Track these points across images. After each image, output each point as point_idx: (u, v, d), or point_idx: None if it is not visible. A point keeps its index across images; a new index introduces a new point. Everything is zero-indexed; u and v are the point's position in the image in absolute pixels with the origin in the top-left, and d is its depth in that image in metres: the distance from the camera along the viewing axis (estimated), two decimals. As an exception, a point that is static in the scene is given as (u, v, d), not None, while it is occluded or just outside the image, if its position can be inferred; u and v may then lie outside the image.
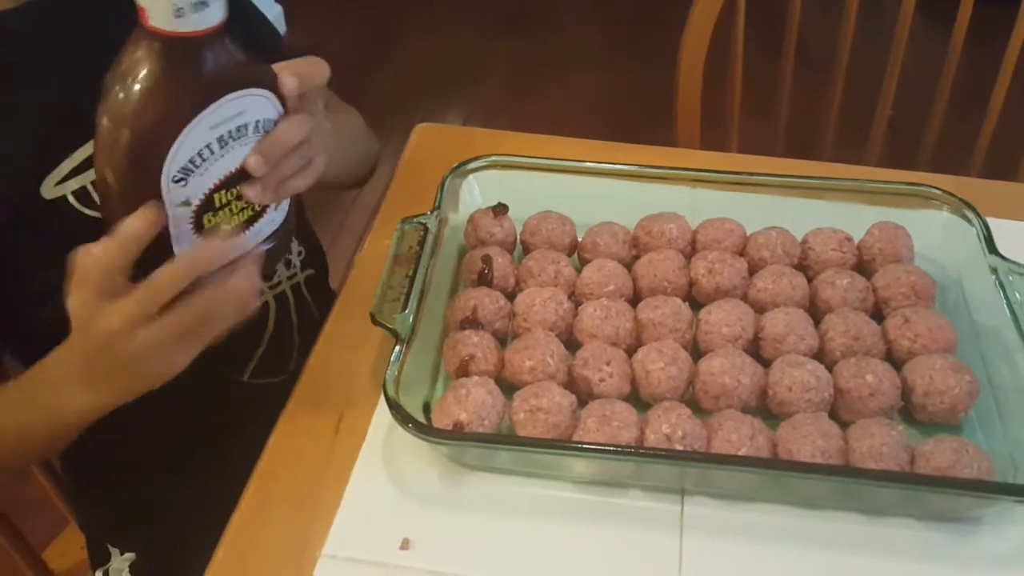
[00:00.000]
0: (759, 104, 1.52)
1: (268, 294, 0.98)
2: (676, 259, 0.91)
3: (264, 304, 0.98)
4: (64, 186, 0.78)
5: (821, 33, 1.62)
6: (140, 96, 0.59)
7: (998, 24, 1.40)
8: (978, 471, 0.73)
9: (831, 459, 0.74)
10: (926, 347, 0.83)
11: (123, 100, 0.59)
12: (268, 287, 0.97)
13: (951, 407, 0.78)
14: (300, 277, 1.03)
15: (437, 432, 0.76)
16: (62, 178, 0.77)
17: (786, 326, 0.84)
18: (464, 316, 0.86)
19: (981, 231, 0.89)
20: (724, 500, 0.77)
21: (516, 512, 0.76)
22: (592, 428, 0.76)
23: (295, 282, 1.02)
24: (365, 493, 0.77)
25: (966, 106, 1.50)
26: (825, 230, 0.94)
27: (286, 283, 1.01)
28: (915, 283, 0.88)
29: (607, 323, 0.85)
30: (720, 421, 0.77)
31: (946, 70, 1.40)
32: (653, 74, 1.44)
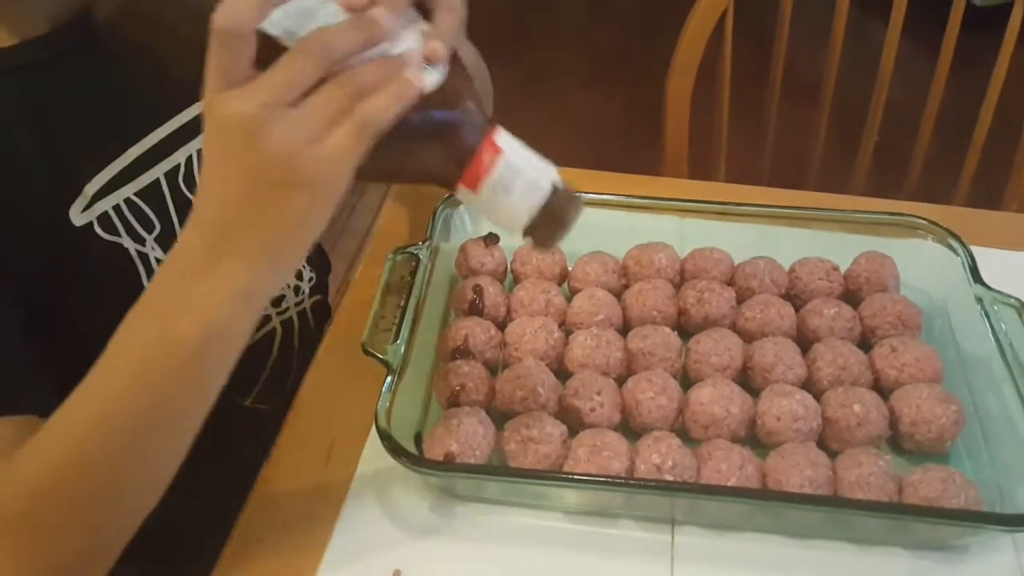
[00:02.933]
0: (747, 130, 1.53)
1: (275, 320, 0.98)
2: (665, 288, 0.92)
3: (271, 330, 0.98)
4: (90, 212, 0.77)
5: (808, 60, 1.64)
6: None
7: (984, 51, 1.42)
8: (965, 500, 0.73)
9: (820, 489, 0.75)
10: (913, 376, 0.83)
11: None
12: (276, 312, 0.97)
13: (938, 436, 0.79)
14: (307, 303, 1.03)
15: (428, 463, 0.76)
16: (86, 205, 0.76)
17: (775, 355, 0.85)
18: (455, 346, 0.86)
19: (966, 260, 0.90)
20: (714, 530, 0.77)
21: (507, 542, 0.76)
22: (583, 458, 0.76)
23: (301, 308, 1.02)
24: (356, 523, 0.78)
25: (952, 132, 1.52)
26: (812, 260, 0.94)
27: (293, 309, 1.01)
28: (901, 312, 0.88)
29: (597, 352, 0.85)
30: (710, 451, 0.77)
31: (932, 97, 1.42)
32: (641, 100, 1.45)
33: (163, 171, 0.81)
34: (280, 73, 0.53)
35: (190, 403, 0.62)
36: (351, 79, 0.54)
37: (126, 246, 0.79)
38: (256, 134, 0.52)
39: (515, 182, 0.58)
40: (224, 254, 0.56)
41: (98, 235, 0.77)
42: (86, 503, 0.63)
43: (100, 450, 0.61)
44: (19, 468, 0.63)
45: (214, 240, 0.55)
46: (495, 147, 0.58)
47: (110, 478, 0.63)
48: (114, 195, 0.78)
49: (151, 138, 0.80)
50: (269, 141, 0.52)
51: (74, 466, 0.61)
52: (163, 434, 0.63)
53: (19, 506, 0.62)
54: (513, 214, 0.60)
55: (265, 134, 0.52)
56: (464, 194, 0.60)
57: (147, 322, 0.59)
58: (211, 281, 0.56)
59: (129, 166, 0.79)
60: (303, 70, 0.53)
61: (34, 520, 0.63)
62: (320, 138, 0.53)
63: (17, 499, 0.62)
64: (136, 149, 0.79)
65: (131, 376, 0.59)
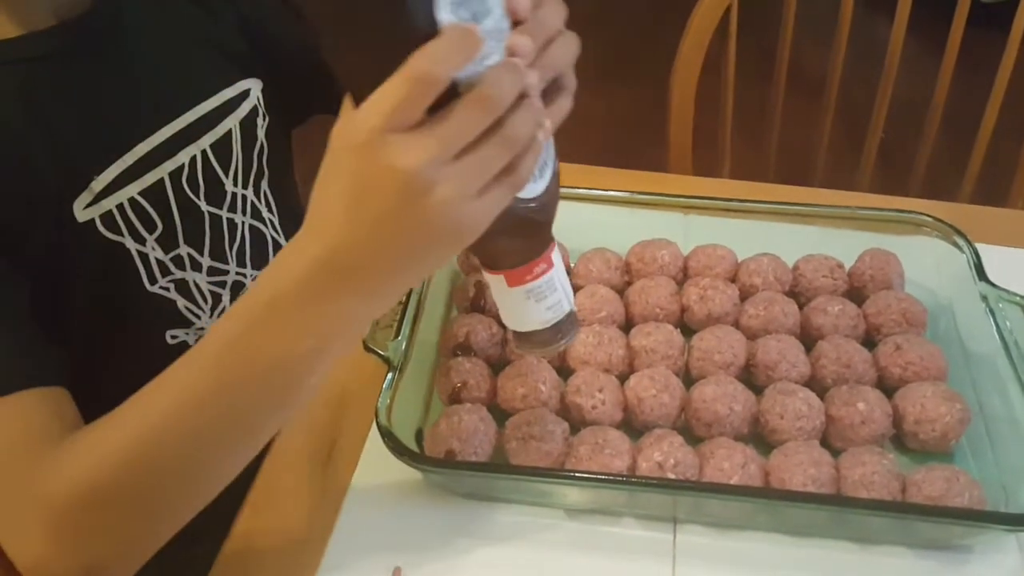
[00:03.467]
0: (751, 128, 1.53)
1: None
2: (668, 286, 0.91)
3: None
4: (94, 208, 0.77)
5: (813, 57, 1.63)
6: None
7: (989, 48, 1.41)
8: (969, 500, 0.73)
9: (823, 487, 0.74)
10: (917, 374, 0.83)
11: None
12: None
13: (942, 435, 0.79)
14: None
15: (429, 461, 0.76)
16: (90, 201, 0.76)
17: (778, 353, 0.84)
18: (457, 343, 0.86)
19: (971, 258, 0.90)
20: (717, 528, 0.76)
21: (509, 540, 0.76)
22: (585, 456, 0.76)
23: None
24: (357, 521, 0.77)
25: (957, 130, 1.51)
26: (816, 257, 0.94)
27: None
28: (906, 310, 0.88)
29: (600, 350, 0.85)
30: (712, 449, 0.77)
31: (937, 94, 1.41)
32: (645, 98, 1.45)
33: (167, 171, 0.81)
34: (454, 126, 0.50)
35: (274, 419, 0.63)
36: (512, 138, 0.52)
37: (127, 246, 0.79)
38: (421, 192, 0.50)
39: (547, 297, 0.62)
40: (351, 291, 0.55)
41: (100, 232, 0.77)
42: (140, 504, 0.63)
43: (168, 454, 0.61)
44: (71, 460, 0.62)
45: (342, 275, 0.54)
46: (549, 262, 0.61)
47: (169, 484, 0.63)
48: (119, 193, 0.78)
49: (157, 136, 0.80)
50: (432, 199, 0.50)
51: (135, 467, 0.61)
52: (235, 448, 0.63)
53: (67, 499, 0.62)
54: (527, 319, 0.63)
55: (430, 192, 0.50)
56: (496, 281, 0.61)
57: (251, 337, 0.57)
58: (333, 311, 0.56)
59: (135, 164, 0.78)
60: (477, 126, 0.50)
61: (80, 516, 0.62)
62: (478, 195, 0.52)
63: (66, 492, 0.61)
64: (144, 146, 0.79)
65: (221, 384, 0.59)
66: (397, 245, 0.53)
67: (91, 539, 0.63)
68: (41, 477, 0.62)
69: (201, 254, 0.85)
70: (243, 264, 0.90)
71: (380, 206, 0.51)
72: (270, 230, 0.93)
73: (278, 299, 0.56)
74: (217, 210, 0.86)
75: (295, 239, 0.56)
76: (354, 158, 0.50)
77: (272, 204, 0.93)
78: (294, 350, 0.57)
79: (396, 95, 0.49)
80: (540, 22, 0.53)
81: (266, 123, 0.90)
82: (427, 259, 0.55)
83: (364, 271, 0.54)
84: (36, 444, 0.65)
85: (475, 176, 0.51)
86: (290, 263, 0.55)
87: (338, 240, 0.53)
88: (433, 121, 0.49)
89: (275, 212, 0.93)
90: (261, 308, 0.57)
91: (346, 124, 0.51)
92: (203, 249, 0.85)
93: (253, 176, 0.89)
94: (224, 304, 0.89)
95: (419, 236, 0.52)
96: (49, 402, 0.67)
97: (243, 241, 0.89)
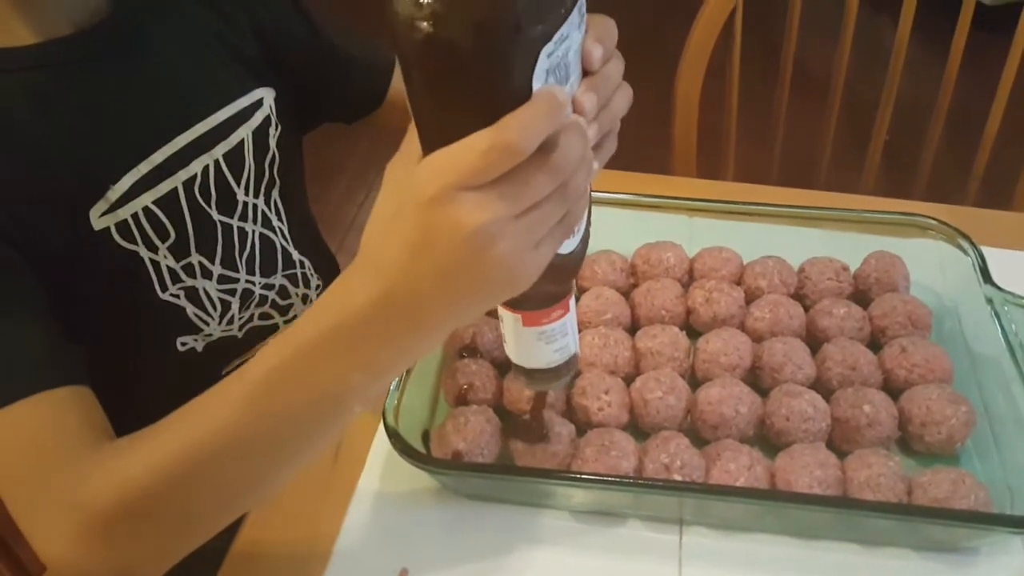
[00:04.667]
0: (756, 129, 1.53)
1: (283, 329, 0.98)
2: (674, 288, 0.91)
3: None
4: (109, 217, 0.77)
5: (817, 59, 1.63)
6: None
7: (993, 50, 1.41)
8: (975, 502, 0.73)
9: (829, 489, 0.74)
10: (923, 377, 0.83)
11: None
12: (283, 321, 0.97)
13: (948, 437, 0.79)
14: None
15: (436, 462, 0.76)
16: (106, 210, 0.77)
17: (784, 355, 0.84)
18: (463, 344, 0.86)
19: (976, 261, 0.90)
20: (722, 530, 0.77)
21: (515, 541, 0.76)
22: (591, 457, 0.76)
23: None
24: (364, 522, 0.78)
25: (962, 132, 1.51)
26: (822, 259, 0.94)
27: None
28: (911, 312, 0.88)
29: (605, 351, 0.85)
30: (718, 451, 0.77)
31: (942, 96, 1.41)
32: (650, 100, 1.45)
33: (181, 180, 0.81)
34: (524, 190, 0.50)
35: (315, 446, 0.63)
36: (572, 195, 0.53)
37: (141, 254, 0.80)
38: (484, 247, 0.51)
39: (557, 340, 0.63)
40: (405, 331, 0.56)
41: (115, 241, 0.78)
42: (177, 517, 0.64)
43: (208, 473, 0.61)
44: (112, 468, 0.63)
45: (399, 316, 0.55)
46: (567, 307, 0.62)
47: (207, 499, 0.63)
48: (134, 202, 0.78)
49: (172, 145, 0.80)
50: (496, 252, 0.51)
51: (175, 482, 0.61)
52: (274, 470, 0.64)
53: (106, 507, 0.62)
54: (533, 357, 0.64)
55: (492, 247, 0.51)
56: (510, 319, 0.62)
57: (301, 366, 0.58)
58: (385, 348, 0.57)
59: (150, 173, 0.79)
60: (546, 189, 0.51)
61: (117, 524, 0.62)
62: (538, 245, 0.53)
63: (105, 500, 0.62)
64: (159, 155, 0.79)
65: (266, 409, 0.60)
66: (455, 292, 0.54)
67: (125, 546, 0.64)
68: (78, 480, 0.63)
69: (212, 262, 0.85)
70: (252, 272, 0.90)
71: (443, 256, 0.51)
72: (279, 238, 0.93)
73: (332, 333, 0.56)
74: (228, 219, 0.86)
75: (349, 275, 0.57)
76: (422, 210, 0.51)
77: (282, 213, 0.93)
78: (343, 383, 0.58)
79: (477, 158, 0.49)
80: (606, 77, 0.54)
81: (278, 132, 0.90)
82: (481, 305, 0.56)
83: (420, 314, 0.55)
84: (69, 444, 0.65)
85: (536, 231, 0.52)
86: (345, 300, 0.56)
87: (398, 284, 0.54)
88: (504, 183, 0.50)
89: (284, 221, 0.93)
90: (313, 339, 0.57)
91: (419, 174, 0.51)
92: (214, 257, 0.85)
93: (264, 185, 0.90)
94: (233, 311, 0.89)
95: (477, 285, 0.53)
96: (79, 401, 0.68)
97: (253, 249, 0.90)
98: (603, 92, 0.54)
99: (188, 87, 0.83)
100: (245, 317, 0.90)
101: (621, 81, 0.56)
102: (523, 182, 0.50)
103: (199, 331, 0.87)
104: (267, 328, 0.93)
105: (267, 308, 0.93)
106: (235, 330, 0.90)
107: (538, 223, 0.52)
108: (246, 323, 0.91)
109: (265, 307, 0.92)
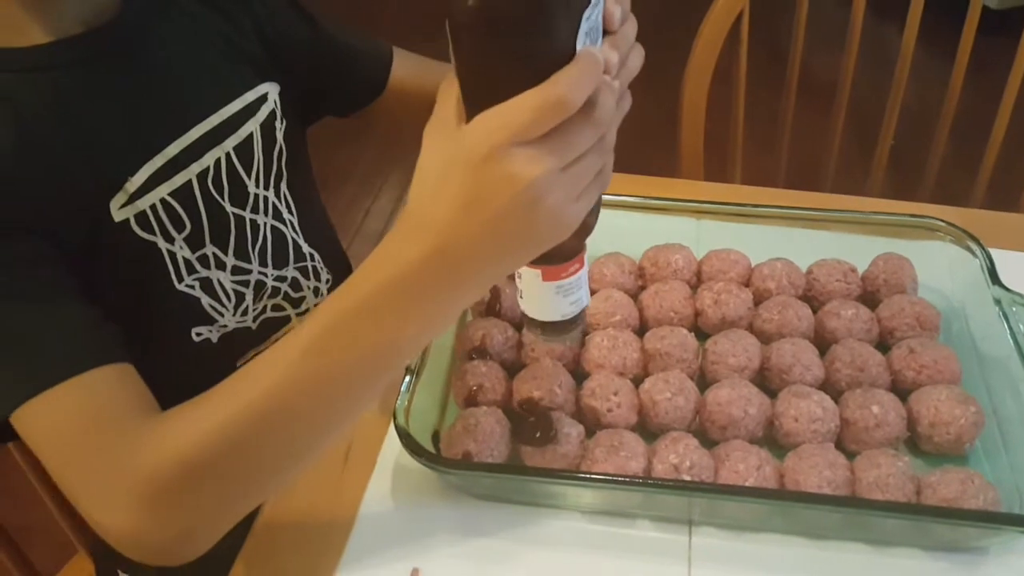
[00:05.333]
0: (762, 134, 1.53)
1: (295, 322, 0.98)
2: (682, 290, 0.92)
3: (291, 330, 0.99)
4: (128, 209, 0.78)
5: (824, 64, 1.64)
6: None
7: (999, 54, 1.41)
8: (984, 502, 0.73)
9: (838, 490, 0.75)
10: (931, 378, 0.83)
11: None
12: (295, 314, 0.97)
13: (956, 438, 0.79)
14: None
15: (446, 462, 0.76)
16: (124, 202, 0.78)
17: (792, 356, 0.85)
18: (472, 346, 0.87)
19: (984, 262, 0.90)
20: (732, 530, 0.77)
21: (524, 542, 0.77)
22: (600, 458, 0.76)
23: None
24: (375, 522, 0.78)
25: (968, 136, 1.51)
26: (830, 261, 0.94)
27: None
28: (920, 314, 0.88)
29: (614, 353, 0.85)
30: (727, 451, 0.77)
31: (948, 100, 1.41)
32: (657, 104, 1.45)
33: (195, 173, 0.82)
34: (572, 143, 0.54)
35: (366, 400, 0.65)
36: (608, 148, 0.58)
37: (159, 245, 0.81)
38: (540, 199, 0.54)
39: (573, 292, 0.66)
40: (455, 284, 0.59)
41: (135, 232, 0.79)
42: (236, 479, 0.65)
43: (265, 433, 0.63)
44: (169, 434, 0.64)
45: (449, 269, 0.58)
46: (582, 261, 0.66)
47: (264, 460, 0.65)
48: (151, 194, 0.79)
49: (185, 138, 0.82)
50: (547, 203, 0.55)
51: (234, 444, 0.63)
52: (329, 427, 0.65)
53: (166, 473, 0.63)
54: (551, 310, 0.67)
55: (545, 200, 0.55)
56: (530, 275, 0.65)
57: (355, 322, 0.60)
58: (436, 301, 0.60)
59: (165, 165, 0.80)
60: (589, 142, 0.55)
61: (177, 489, 0.63)
62: (579, 197, 0.57)
63: (164, 466, 0.63)
64: (173, 148, 0.81)
65: (320, 367, 0.62)
66: (504, 245, 0.57)
67: (186, 511, 0.65)
68: (133, 449, 0.64)
69: (226, 253, 0.86)
70: (265, 264, 0.91)
71: (496, 211, 0.55)
72: (290, 231, 0.94)
73: (384, 289, 0.59)
74: (240, 211, 0.88)
75: (397, 235, 0.59)
76: (475, 167, 0.54)
77: (292, 205, 0.94)
78: (396, 336, 0.61)
79: (531, 113, 0.52)
80: (625, 37, 0.58)
81: (284, 126, 0.91)
82: (526, 256, 0.60)
83: (469, 267, 0.58)
84: (120, 417, 0.66)
85: (579, 183, 0.56)
86: (396, 258, 0.59)
87: (449, 239, 0.57)
88: (553, 138, 0.53)
89: (294, 213, 0.95)
90: (365, 296, 0.60)
91: (470, 133, 0.54)
92: (227, 249, 0.87)
93: (273, 177, 0.91)
94: (247, 303, 0.90)
95: (525, 237, 0.57)
96: (124, 377, 0.69)
97: (264, 241, 0.91)
98: (622, 51, 0.58)
99: (195, 83, 0.85)
100: (258, 308, 0.92)
101: (635, 41, 0.60)
102: (569, 136, 0.54)
103: (214, 322, 0.88)
104: (280, 320, 0.94)
105: (279, 300, 0.94)
106: (249, 321, 0.91)
107: (581, 176, 0.56)
108: (259, 314, 0.92)
109: (277, 299, 0.94)
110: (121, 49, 0.79)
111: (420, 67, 1.04)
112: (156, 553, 0.66)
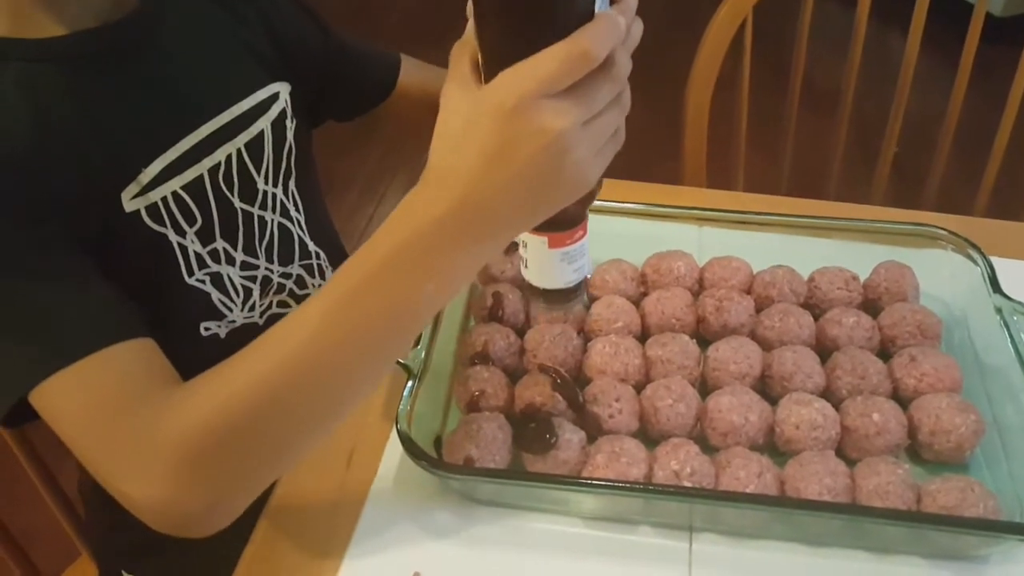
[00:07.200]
0: (765, 141, 1.53)
1: None
2: (684, 296, 0.92)
3: None
4: (139, 200, 0.79)
5: (827, 71, 1.64)
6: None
7: (1003, 62, 1.42)
8: (984, 510, 0.73)
9: (838, 497, 0.75)
10: (932, 386, 0.83)
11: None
12: None
13: (957, 446, 0.79)
14: None
15: (448, 467, 0.76)
16: (137, 193, 0.79)
17: (793, 364, 0.85)
18: (475, 352, 0.87)
19: (986, 271, 0.90)
20: (732, 537, 0.77)
21: (526, 547, 0.77)
22: (601, 464, 0.76)
23: None
24: (377, 526, 0.78)
25: (971, 144, 1.51)
26: (831, 269, 0.95)
27: None
28: (921, 322, 0.88)
29: (616, 359, 0.86)
30: (728, 458, 0.78)
31: (951, 108, 1.42)
32: (660, 111, 1.46)
33: (206, 168, 0.83)
34: (597, 96, 0.57)
35: (392, 356, 0.67)
36: (625, 105, 0.60)
37: (170, 237, 0.82)
38: (567, 150, 0.56)
39: (577, 260, 0.68)
40: (477, 238, 0.60)
41: (145, 223, 0.80)
42: (266, 443, 0.65)
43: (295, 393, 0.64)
44: (197, 401, 0.64)
45: (472, 223, 0.59)
46: (586, 229, 0.68)
47: (295, 422, 0.65)
48: (163, 187, 0.80)
49: (198, 133, 0.83)
50: (573, 156, 0.57)
51: (263, 407, 0.63)
52: (356, 385, 0.66)
53: (196, 440, 0.63)
54: (555, 278, 0.69)
55: (571, 152, 0.56)
56: (536, 243, 0.67)
57: (379, 279, 0.62)
58: (457, 256, 0.61)
59: (177, 159, 0.81)
60: (611, 96, 0.58)
61: (208, 456, 0.64)
62: (601, 150, 0.59)
63: (194, 433, 0.63)
64: (186, 142, 0.82)
65: (347, 324, 0.63)
66: (528, 198, 0.59)
67: (217, 477, 0.65)
68: (161, 419, 0.64)
69: (235, 249, 0.87)
70: (271, 260, 0.92)
71: (524, 160, 0.56)
72: (296, 228, 0.95)
73: (407, 244, 0.60)
74: (249, 207, 0.88)
75: (419, 191, 0.60)
76: (502, 119, 0.56)
77: (299, 203, 0.95)
78: (418, 292, 0.62)
79: (557, 64, 0.54)
80: (628, 6, 0.60)
81: (294, 125, 0.93)
82: (548, 211, 0.61)
83: (492, 221, 0.59)
84: (144, 389, 0.67)
85: (600, 138, 0.58)
86: (419, 213, 0.60)
87: (473, 193, 0.58)
88: (577, 90, 0.55)
89: (301, 211, 0.96)
90: (389, 253, 0.61)
91: (497, 88, 0.56)
92: (236, 244, 0.88)
93: (282, 175, 0.92)
94: (254, 298, 0.91)
95: (549, 189, 0.59)
96: (146, 351, 0.70)
97: (272, 238, 0.92)
98: (628, 17, 0.59)
99: (209, 80, 0.86)
100: (265, 304, 0.92)
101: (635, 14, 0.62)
102: (592, 91, 0.56)
103: (223, 317, 0.88)
104: None
105: (285, 296, 0.95)
106: (256, 317, 0.91)
107: (601, 131, 0.58)
108: (266, 310, 0.93)
109: (283, 295, 0.94)
110: (135, 45, 0.80)
111: (425, 71, 1.06)
112: (182, 522, 0.66)
